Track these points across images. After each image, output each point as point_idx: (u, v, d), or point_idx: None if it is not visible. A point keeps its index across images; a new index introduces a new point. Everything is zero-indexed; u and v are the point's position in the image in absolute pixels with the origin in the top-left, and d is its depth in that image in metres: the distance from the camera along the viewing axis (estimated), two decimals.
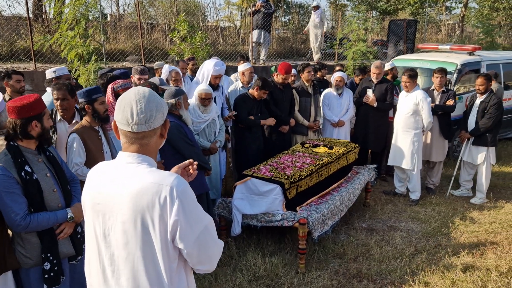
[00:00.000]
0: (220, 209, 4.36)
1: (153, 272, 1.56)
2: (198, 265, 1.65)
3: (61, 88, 3.63)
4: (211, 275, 3.86)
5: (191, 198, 1.58)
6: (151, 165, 1.61)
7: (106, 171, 1.63)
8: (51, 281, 2.55)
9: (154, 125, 1.60)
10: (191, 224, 1.55)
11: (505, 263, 4.13)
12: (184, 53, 8.52)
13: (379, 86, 6.20)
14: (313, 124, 5.99)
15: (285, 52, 13.27)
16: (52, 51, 8.98)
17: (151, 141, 1.62)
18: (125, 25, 11.94)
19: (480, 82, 5.65)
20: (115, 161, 1.64)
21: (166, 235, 1.53)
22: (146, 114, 1.56)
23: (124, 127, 1.58)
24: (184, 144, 3.78)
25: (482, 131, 5.59)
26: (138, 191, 1.51)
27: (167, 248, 1.55)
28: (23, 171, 2.42)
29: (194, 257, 1.60)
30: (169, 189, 1.51)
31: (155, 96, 1.62)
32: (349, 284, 3.83)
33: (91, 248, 1.67)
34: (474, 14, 20.73)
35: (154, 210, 1.51)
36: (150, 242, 1.54)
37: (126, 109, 1.56)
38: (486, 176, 5.75)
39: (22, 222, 2.39)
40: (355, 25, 10.78)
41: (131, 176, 1.55)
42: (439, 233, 4.83)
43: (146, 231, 1.53)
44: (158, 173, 1.56)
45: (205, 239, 1.60)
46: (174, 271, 1.60)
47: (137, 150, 1.60)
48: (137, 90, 1.61)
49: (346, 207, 4.78)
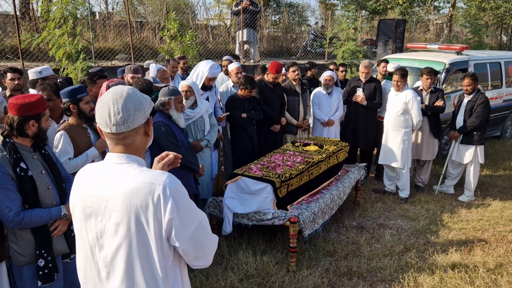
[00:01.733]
0: (211, 208, 4.35)
1: (148, 271, 1.55)
2: (194, 261, 1.64)
3: (45, 88, 3.58)
4: (202, 274, 3.86)
5: (184, 195, 1.57)
6: (141, 164, 1.60)
7: (94, 173, 1.61)
8: (45, 278, 2.55)
9: (134, 125, 1.56)
10: (186, 222, 1.55)
11: (493, 260, 4.19)
12: (174, 51, 8.47)
13: (367, 85, 6.25)
14: (302, 123, 6.01)
15: (275, 51, 13.29)
16: (40, 50, 8.87)
17: (135, 140, 1.59)
18: (114, 24, 11.85)
19: (467, 82, 5.73)
20: (103, 163, 1.62)
21: (161, 234, 1.53)
22: (124, 114, 1.52)
23: (105, 129, 1.56)
24: (168, 143, 3.74)
25: (470, 129, 5.66)
26: (131, 192, 1.50)
27: (162, 246, 1.54)
28: (18, 167, 2.43)
29: (190, 253, 1.60)
30: (162, 188, 1.50)
31: (134, 95, 1.57)
32: (340, 282, 3.86)
33: (83, 251, 1.65)
34: (462, 14, 20.98)
35: (148, 209, 1.50)
36: (145, 242, 1.53)
37: (104, 110, 1.54)
38: (474, 174, 5.83)
39: (15, 218, 2.39)
40: (344, 24, 10.84)
41: (122, 176, 1.54)
42: (428, 231, 4.89)
43: (140, 231, 1.52)
44: (149, 172, 1.55)
45: (200, 235, 1.60)
46: (169, 269, 1.60)
47: (123, 151, 1.58)
48: (115, 90, 1.57)
49: (337, 205, 4.81)
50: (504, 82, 8.55)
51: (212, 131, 4.74)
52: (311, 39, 13.10)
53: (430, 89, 6.00)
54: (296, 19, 17.83)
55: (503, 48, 17.79)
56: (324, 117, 6.18)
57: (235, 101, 5.21)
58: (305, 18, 20.05)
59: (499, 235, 4.78)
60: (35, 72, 4.69)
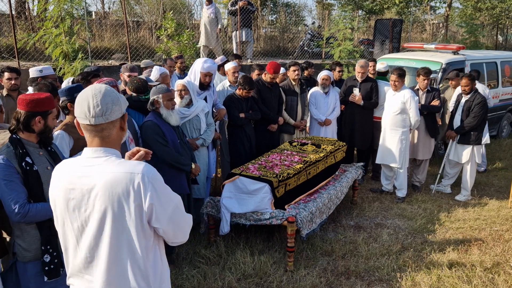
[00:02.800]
0: (208, 208, 4.34)
1: (131, 252, 1.71)
2: (173, 239, 1.83)
3: (42, 88, 3.58)
4: (200, 274, 3.85)
5: (161, 182, 1.73)
6: (118, 157, 1.74)
7: (72, 168, 1.72)
8: (51, 273, 2.57)
9: (112, 118, 1.71)
10: (164, 206, 1.72)
11: (489, 259, 4.21)
12: (171, 51, 8.45)
13: (364, 84, 6.26)
14: (299, 123, 6.02)
15: (273, 50, 13.27)
16: (36, 49, 8.82)
17: (112, 133, 1.73)
18: (111, 23, 11.81)
19: (464, 82, 5.74)
20: (79, 158, 1.74)
21: (141, 218, 1.68)
22: (102, 107, 1.67)
23: (83, 121, 1.70)
24: (155, 143, 3.74)
25: (467, 129, 5.68)
26: (112, 181, 1.64)
27: (143, 229, 1.70)
28: (23, 161, 2.48)
29: (170, 233, 1.78)
30: (141, 176, 1.65)
31: (112, 91, 1.73)
32: (337, 282, 3.86)
33: (69, 241, 1.77)
34: (458, 14, 21.04)
35: (129, 197, 1.64)
36: (127, 226, 1.68)
37: (83, 103, 1.68)
38: (471, 174, 5.85)
39: (21, 210, 2.41)
40: (341, 24, 10.85)
41: (102, 169, 1.67)
42: (425, 230, 4.90)
43: (122, 216, 1.66)
44: (127, 163, 1.71)
45: (177, 216, 1.79)
46: (150, 249, 1.76)
47: (100, 144, 1.72)
48: (94, 86, 1.73)
49: (334, 205, 4.81)
50: (500, 81, 8.59)
51: (208, 130, 4.71)
52: (308, 39, 13.09)
53: (426, 88, 6.02)
54: (293, 18, 17.81)
55: (499, 48, 17.85)
56: (321, 117, 6.19)
57: (233, 100, 5.20)
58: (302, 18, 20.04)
59: (495, 234, 4.80)
60: (36, 70, 4.68)
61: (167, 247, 4.04)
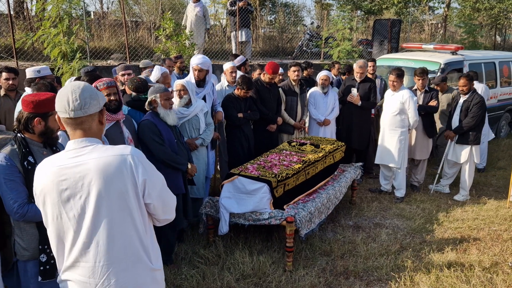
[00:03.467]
0: (207, 208, 4.34)
1: (134, 228, 1.84)
2: (162, 216, 1.96)
3: (40, 88, 3.56)
4: (199, 274, 3.85)
5: (148, 161, 1.89)
6: (101, 144, 1.86)
7: (57, 162, 1.80)
8: (46, 274, 2.55)
9: (90, 111, 1.81)
10: (154, 182, 1.87)
11: (488, 259, 4.22)
12: (169, 51, 8.44)
13: (362, 85, 6.27)
14: (299, 123, 6.02)
15: (271, 50, 13.27)
16: (34, 49, 8.80)
17: (92, 126, 1.85)
18: (109, 23, 11.79)
19: (462, 83, 5.76)
20: (64, 152, 1.83)
21: (137, 194, 1.83)
22: (81, 101, 1.79)
23: (63, 115, 1.80)
24: (151, 142, 3.75)
25: (465, 129, 5.69)
26: (105, 164, 1.76)
27: (140, 204, 1.85)
28: (26, 161, 2.49)
29: (159, 208, 1.92)
30: (131, 157, 1.81)
31: (90, 87, 1.85)
32: (336, 281, 3.86)
33: (66, 233, 1.82)
34: (457, 14, 21.07)
35: (123, 176, 1.78)
36: (126, 204, 1.81)
37: (63, 98, 1.79)
38: (469, 174, 5.86)
39: (19, 210, 2.44)
40: (340, 24, 10.85)
41: (92, 156, 1.78)
42: (424, 230, 4.90)
43: (121, 194, 1.79)
44: (115, 147, 1.85)
45: (164, 192, 1.95)
46: (147, 225, 1.92)
47: (83, 135, 1.83)
48: (73, 82, 1.85)
49: (333, 205, 4.81)
50: (499, 82, 8.60)
51: (207, 130, 4.71)
52: (307, 39, 13.08)
53: (424, 89, 6.03)
54: (292, 19, 17.82)
55: (497, 48, 17.88)
56: (320, 117, 6.19)
57: (232, 100, 5.20)
58: (301, 18, 20.06)
59: (494, 234, 4.81)
60: (33, 71, 4.65)
61: (167, 247, 4.05)
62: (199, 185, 4.71)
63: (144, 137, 3.78)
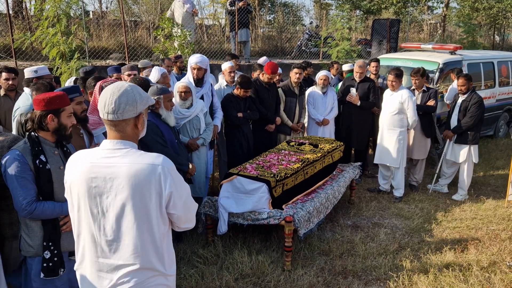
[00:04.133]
0: (206, 207, 4.35)
1: (151, 235, 1.87)
2: (184, 224, 2.01)
3: (39, 88, 3.55)
4: (198, 274, 3.85)
5: (177, 172, 1.91)
6: (136, 149, 1.89)
7: (91, 158, 1.85)
8: (49, 271, 2.57)
9: (124, 116, 1.82)
10: (180, 193, 1.90)
11: (486, 258, 4.23)
12: (168, 51, 8.44)
13: (361, 84, 6.27)
14: (296, 126, 6.02)
15: (270, 50, 13.27)
16: (33, 49, 8.80)
17: (126, 129, 1.86)
18: (108, 23, 11.79)
19: (461, 82, 5.77)
20: (97, 149, 1.87)
21: (161, 204, 1.85)
22: (115, 105, 1.80)
23: (102, 115, 1.84)
24: (154, 143, 3.75)
25: (464, 129, 5.70)
26: (135, 171, 1.79)
27: (161, 215, 1.88)
28: (37, 159, 2.53)
29: (182, 218, 1.97)
30: (161, 167, 1.82)
31: (131, 91, 1.83)
32: (335, 281, 3.87)
33: (84, 227, 1.90)
34: (455, 13, 21.09)
35: (150, 185, 1.81)
36: (147, 211, 1.84)
37: (103, 98, 1.82)
38: (467, 173, 5.87)
39: (27, 207, 2.48)
40: (339, 24, 10.86)
41: (125, 159, 1.82)
42: (422, 229, 4.91)
43: (144, 203, 1.82)
44: (147, 155, 1.86)
45: (188, 203, 1.99)
46: (165, 233, 1.95)
47: (118, 137, 1.86)
48: (117, 83, 1.86)
49: (332, 204, 4.82)
50: (497, 81, 8.62)
51: (207, 130, 4.76)
52: (306, 38, 13.09)
53: (422, 88, 6.04)
54: (291, 18, 17.83)
55: (496, 48, 17.91)
56: (319, 117, 6.20)
57: (231, 100, 5.21)
58: (300, 18, 20.09)
59: (492, 234, 4.82)
60: (31, 71, 4.65)
61: None
62: (200, 184, 4.74)
63: (146, 138, 3.75)
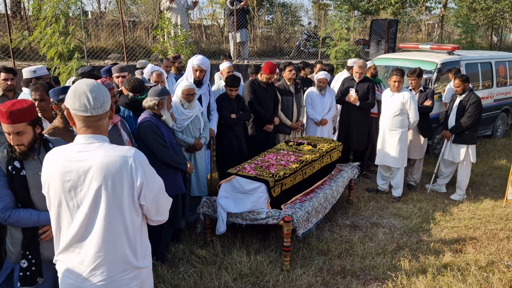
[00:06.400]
0: (204, 207, 4.35)
1: (123, 226, 1.94)
2: (155, 217, 2.07)
3: (38, 88, 3.51)
4: (197, 274, 3.86)
5: (149, 164, 1.98)
6: (109, 143, 1.96)
7: (67, 153, 1.91)
8: (25, 280, 2.48)
9: (107, 108, 1.93)
10: (151, 185, 1.96)
11: (484, 258, 4.24)
12: (167, 51, 8.44)
13: (361, 85, 6.27)
14: (296, 124, 6.02)
15: (269, 50, 13.28)
16: (31, 49, 8.79)
17: (105, 122, 1.96)
18: (107, 23, 11.77)
19: (456, 84, 5.79)
20: (72, 145, 1.93)
21: (133, 195, 1.92)
22: (100, 99, 1.89)
23: (83, 113, 1.88)
24: (156, 144, 3.76)
25: (462, 129, 5.71)
26: (107, 163, 1.86)
27: (134, 206, 1.95)
28: (11, 165, 2.43)
29: (153, 210, 2.02)
30: (132, 159, 1.90)
31: (101, 85, 1.94)
32: (333, 281, 3.87)
33: (63, 220, 1.95)
34: (453, 14, 21.13)
35: (123, 176, 1.88)
36: (120, 203, 1.91)
37: (82, 97, 1.86)
38: (466, 173, 5.89)
39: (1, 215, 2.40)
40: (337, 24, 10.87)
41: (97, 153, 1.88)
42: (421, 229, 4.92)
43: (116, 194, 1.89)
44: (119, 147, 1.94)
45: (160, 195, 2.04)
46: (139, 224, 2.01)
47: (94, 132, 1.92)
48: (87, 81, 1.92)
49: (330, 204, 4.83)
50: (495, 82, 8.64)
51: (206, 129, 4.81)
52: (304, 39, 13.10)
53: (419, 88, 6.05)
54: (289, 19, 17.86)
55: (493, 48, 17.94)
56: (317, 116, 6.20)
57: (224, 100, 5.22)
58: (298, 18, 20.12)
59: (490, 233, 4.83)
60: (29, 71, 4.63)
61: (163, 246, 4.06)
62: (201, 183, 4.77)
63: (147, 138, 3.76)
